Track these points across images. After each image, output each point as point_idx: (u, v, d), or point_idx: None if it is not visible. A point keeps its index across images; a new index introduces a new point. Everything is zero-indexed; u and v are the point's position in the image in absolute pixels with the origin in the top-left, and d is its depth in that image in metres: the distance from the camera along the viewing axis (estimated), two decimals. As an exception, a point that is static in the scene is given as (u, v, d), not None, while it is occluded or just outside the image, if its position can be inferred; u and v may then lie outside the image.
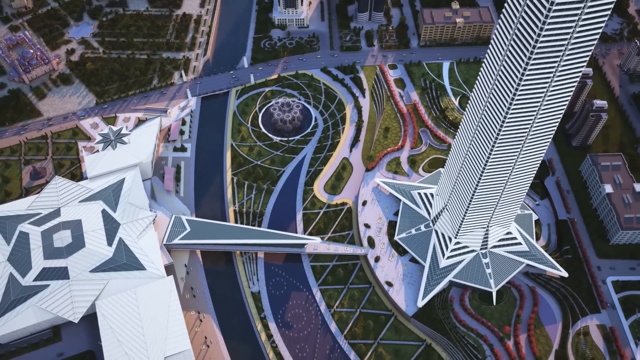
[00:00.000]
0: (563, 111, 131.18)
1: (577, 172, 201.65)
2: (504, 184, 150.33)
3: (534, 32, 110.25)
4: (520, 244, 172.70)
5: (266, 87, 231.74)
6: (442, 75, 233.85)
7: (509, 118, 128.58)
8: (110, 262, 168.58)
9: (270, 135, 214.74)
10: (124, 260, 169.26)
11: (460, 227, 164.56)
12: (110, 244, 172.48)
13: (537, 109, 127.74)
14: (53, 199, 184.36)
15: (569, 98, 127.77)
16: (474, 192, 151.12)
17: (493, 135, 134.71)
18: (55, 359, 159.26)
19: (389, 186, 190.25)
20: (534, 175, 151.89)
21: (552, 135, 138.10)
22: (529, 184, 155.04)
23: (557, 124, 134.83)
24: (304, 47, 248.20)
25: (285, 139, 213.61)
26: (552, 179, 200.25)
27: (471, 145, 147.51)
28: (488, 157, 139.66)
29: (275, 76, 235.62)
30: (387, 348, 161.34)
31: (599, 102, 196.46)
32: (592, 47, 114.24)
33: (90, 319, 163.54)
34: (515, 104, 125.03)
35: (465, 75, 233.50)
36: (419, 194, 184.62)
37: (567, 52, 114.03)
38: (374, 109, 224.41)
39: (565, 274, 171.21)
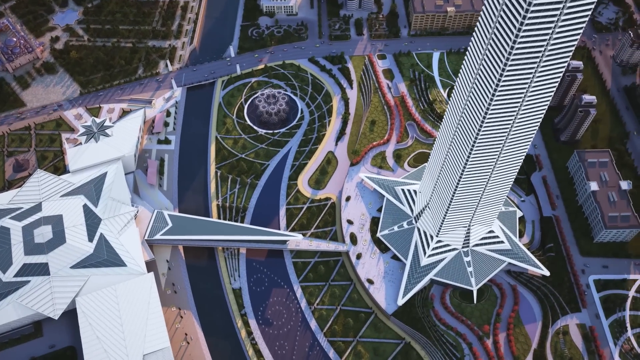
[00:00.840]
0: (546, 107, 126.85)
1: (564, 168, 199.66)
2: (485, 182, 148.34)
3: (512, 33, 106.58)
4: (502, 242, 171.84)
5: (252, 77, 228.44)
6: (432, 66, 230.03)
7: (490, 113, 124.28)
8: (90, 258, 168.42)
9: (255, 127, 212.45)
10: (104, 257, 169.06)
11: (441, 225, 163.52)
12: (91, 239, 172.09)
13: (518, 105, 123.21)
14: (34, 193, 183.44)
15: (552, 94, 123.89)
16: (455, 189, 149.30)
17: (474, 132, 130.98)
18: (36, 353, 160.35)
19: (373, 182, 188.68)
20: (515, 173, 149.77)
21: (534, 133, 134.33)
22: (511, 183, 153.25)
23: (540, 121, 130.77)
24: (292, 35, 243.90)
25: (271, 131, 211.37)
26: (539, 175, 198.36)
27: (453, 141, 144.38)
28: (469, 154, 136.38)
29: (262, 66, 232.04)
30: (366, 346, 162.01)
31: (587, 97, 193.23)
32: (574, 44, 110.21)
33: (72, 315, 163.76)
34: (496, 99, 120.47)
35: (455, 66, 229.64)
36: (403, 190, 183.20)
37: (547, 50, 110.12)
38: (362, 101, 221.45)
39: (547, 273, 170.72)
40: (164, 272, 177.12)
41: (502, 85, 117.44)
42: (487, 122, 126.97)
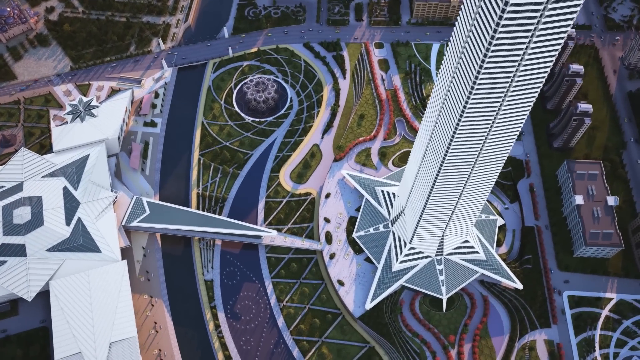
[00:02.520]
0: (526, 114, 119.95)
1: (553, 176, 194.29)
2: (459, 193, 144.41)
3: (488, 33, 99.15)
4: (477, 252, 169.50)
5: (244, 61, 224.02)
6: (430, 58, 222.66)
7: (466, 115, 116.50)
8: (66, 242, 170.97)
9: (242, 114, 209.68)
10: (80, 241, 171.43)
11: (414, 233, 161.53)
12: (68, 223, 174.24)
13: (496, 109, 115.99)
14: (17, 172, 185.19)
15: (533, 99, 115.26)
16: (427, 199, 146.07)
17: (449, 135, 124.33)
18: (11, 331, 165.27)
19: (354, 180, 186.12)
20: (490, 188, 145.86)
21: (511, 144, 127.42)
22: (485, 198, 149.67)
23: (519, 129, 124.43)
24: (289, 17, 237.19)
25: (258, 119, 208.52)
26: (527, 182, 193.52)
27: (428, 146, 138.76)
28: (442, 161, 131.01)
29: (255, 49, 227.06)
30: (330, 347, 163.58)
31: (583, 106, 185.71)
32: (558, 48, 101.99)
33: (48, 296, 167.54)
34: (472, 99, 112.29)
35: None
36: (382, 191, 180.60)
37: (528, 53, 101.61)
38: (353, 92, 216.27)
39: (520, 286, 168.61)
40: (139, 259, 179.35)
41: (479, 85, 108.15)
42: (462, 126, 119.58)
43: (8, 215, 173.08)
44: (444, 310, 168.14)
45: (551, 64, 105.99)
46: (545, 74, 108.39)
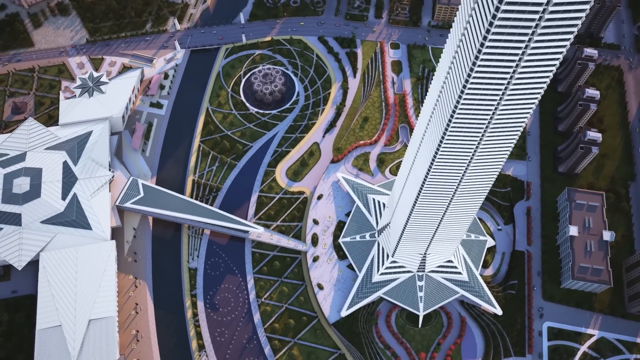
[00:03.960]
0: (513, 143, 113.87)
1: (553, 202, 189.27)
2: (440, 217, 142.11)
3: (479, 40, 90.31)
4: (459, 273, 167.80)
5: (257, 49, 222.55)
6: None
7: (447, 139, 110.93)
8: (60, 217, 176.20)
9: (247, 104, 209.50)
10: (73, 217, 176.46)
11: (396, 248, 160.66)
12: (64, 198, 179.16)
13: (482, 130, 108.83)
14: (22, 141, 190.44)
15: (522, 125, 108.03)
16: (409, 218, 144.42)
17: (430, 157, 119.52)
18: (1, 295, 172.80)
19: (348, 184, 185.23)
20: (473, 214, 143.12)
21: (499, 169, 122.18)
22: (468, 224, 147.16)
23: (507, 154, 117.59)
24: (308, 8, 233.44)
25: (262, 111, 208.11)
26: (525, 204, 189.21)
27: (414, 161, 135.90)
28: (422, 184, 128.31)
29: (268, 38, 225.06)
30: (301, 349, 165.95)
31: (592, 134, 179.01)
32: (554, 66, 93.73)
33: (37, 266, 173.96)
34: (457, 116, 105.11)
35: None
36: (374, 199, 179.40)
37: (520, 67, 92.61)
38: (361, 93, 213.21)
39: (499, 312, 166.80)
40: (128, 240, 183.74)
41: (465, 100, 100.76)
42: (443, 148, 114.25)
43: (8, 184, 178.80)
44: (420, 326, 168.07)
45: (542, 90, 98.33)
46: (538, 97, 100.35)
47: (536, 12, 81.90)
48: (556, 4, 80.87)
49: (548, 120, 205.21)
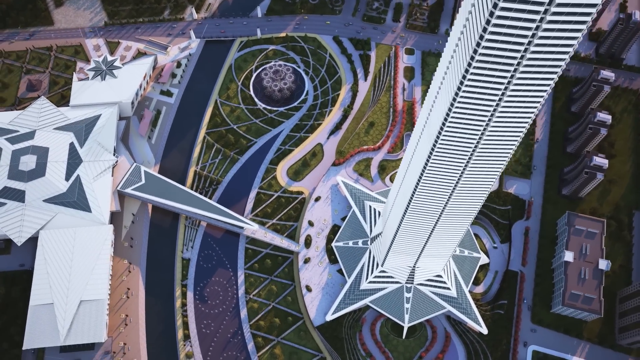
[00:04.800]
0: (502, 167, 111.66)
1: (553, 224, 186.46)
2: (427, 234, 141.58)
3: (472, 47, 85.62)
4: (448, 288, 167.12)
5: (271, 44, 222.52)
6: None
7: (440, 145, 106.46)
8: (62, 197, 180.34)
9: (256, 100, 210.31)
10: (74, 198, 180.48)
11: (384, 259, 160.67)
12: (67, 178, 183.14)
13: (471, 149, 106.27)
14: (33, 119, 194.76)
15: (513, 149, 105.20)
16: (396, 232, 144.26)
17: (421, 168, 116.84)
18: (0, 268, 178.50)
19: (347, 188, 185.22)
20: (461, 234, 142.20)
21: (486, 193, 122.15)
22: (456, 243, 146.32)
23: (495, 178, 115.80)
24: (326, 6, 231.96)
25: (270, 107, 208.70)
26: (523, 224, 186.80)
27: (404, 180, 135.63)
28: (409, 201, 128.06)
29: (283, 34, 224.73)
30: (284, 348, 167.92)
31: (598, 160, 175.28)
32: (551, 85, 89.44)
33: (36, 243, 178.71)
34: (447, 128, 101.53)
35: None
36: (370, 206, 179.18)
37: (515, 78, 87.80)
38: (370, 97, 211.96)
39: (484, 331, 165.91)
40: (126, 225, 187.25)
41: (456, 110, 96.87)
42: (434, 158, 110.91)
43: (15, 160, 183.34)
44: (404, 337, 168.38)
45: (533, 114, 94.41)
46: (527, 121, 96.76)
47: (529, 28, 78.96)
48: (551, 22, 77.97)
49: (558, 140, 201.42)
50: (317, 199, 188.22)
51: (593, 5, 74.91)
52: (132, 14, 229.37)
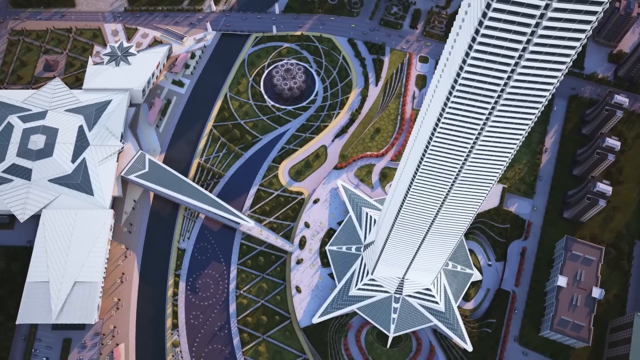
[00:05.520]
0: (489, 190, 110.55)
1: (551, 246, 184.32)
2: (415, 249, 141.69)
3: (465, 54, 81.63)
4: (437, 302, 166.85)
5: (286, 42, 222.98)
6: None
7: (428, 157, 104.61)
8: (66, 178, 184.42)
9: (265, 96, 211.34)
10: (78, 181, 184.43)
11: (374, 268, 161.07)
12: (73, 160, 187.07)
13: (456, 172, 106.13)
14: (46, 99, 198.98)
15: (503, 167, 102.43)
16: (385, 244, 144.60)
17: (407, 184, 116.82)
18: (2, 243, 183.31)
19: (346, 193, 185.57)
20: (449, 250, 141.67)
21: (475, 211, 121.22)
22: (444, 260, 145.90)
23: (481, 201, 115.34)
24: (344, 8, 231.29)
25: (278, 105, 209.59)
26: (520, 244, 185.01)
27: (397, 186, 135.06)
28: (397, 214, 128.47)
29: (298, 33, 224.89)
30: (268, 346, 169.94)
31: (601, 186, 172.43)
32: (543, 103, 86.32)
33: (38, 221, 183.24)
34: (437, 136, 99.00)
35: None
36: (367, 213, 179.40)
37: (507, 91, 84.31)
38: (379, 103, 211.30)
39: (469, 348, 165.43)
40: (127, 211, 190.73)
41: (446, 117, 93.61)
42: (419, 175, 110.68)
43: (25, 139, 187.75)
44: (388, 346, 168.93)
45: (531, 121, 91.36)
46: (530, 122, 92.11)
47: (516, 49, 76.69)
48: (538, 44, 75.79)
49: (566, 161, 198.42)
50: (315, 201, 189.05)
51: (587, 22, 71.83)
52: (152, 1, 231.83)
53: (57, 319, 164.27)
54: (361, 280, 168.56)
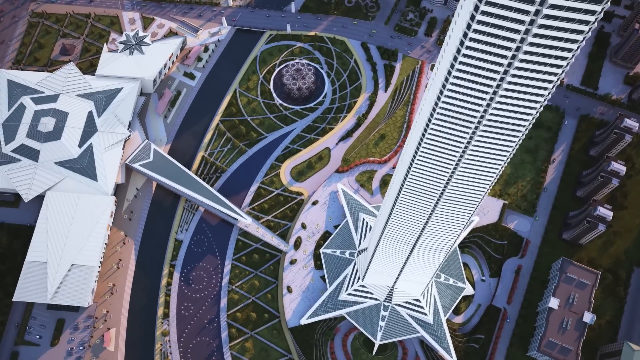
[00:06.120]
0: (475, 207, 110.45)
1: (547, 267, 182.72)
2: (402, 261, 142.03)
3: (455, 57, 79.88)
4: (425, 314, 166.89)
5: (299, 42, 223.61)
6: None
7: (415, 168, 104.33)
8: (72, 162, 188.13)
9: (274, 95, 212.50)
10: (84, 165, 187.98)
11: (364, 275, 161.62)
12: (80, 145, 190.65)
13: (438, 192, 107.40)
14: (59, 83, 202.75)
15: (490, 184, 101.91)
16: (374, 251, 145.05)
17: (395, 196, 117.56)
18: (6, 220, 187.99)
19: (345, 197, 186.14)
20: (437, 264, 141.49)
21: (461, 227, 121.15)
22: (433, 270, 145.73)
23: (467, 218, 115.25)
24: (360, 11, 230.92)
25: (286, 104, 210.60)
26: (516, 262, 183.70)
27: (387, 198, 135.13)
28: (389, 215, 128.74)
29: (312, 33, 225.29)
30: (255, 343, 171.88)
31: (602, 210, 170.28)
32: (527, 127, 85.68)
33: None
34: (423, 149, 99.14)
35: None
36: (364, 219, 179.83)
37: (492, 107, 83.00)
38: (387, 109, 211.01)
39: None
40: (129, 198, 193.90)
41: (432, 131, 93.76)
42: (406, 187, 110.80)
43: (36, 120, 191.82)
44: (374, 353, 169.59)
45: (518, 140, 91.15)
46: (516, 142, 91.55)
47: (501, 65, 76.64)
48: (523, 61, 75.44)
49: (571, 181, 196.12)
50: (314, 203, 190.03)
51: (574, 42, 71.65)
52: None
53: (51, 300, 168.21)
54: (352, 285, 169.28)
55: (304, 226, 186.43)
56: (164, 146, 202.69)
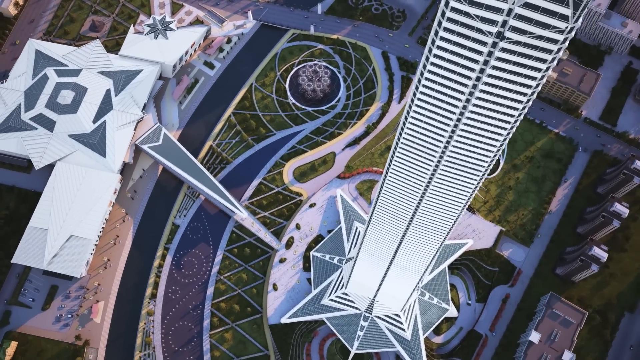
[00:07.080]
0: (445, 234, 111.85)
1: (536, 299, 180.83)
2: (382, 273, 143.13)
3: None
4: (404, 330, 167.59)
5: (320, 43, 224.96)
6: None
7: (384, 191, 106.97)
8: (85, 136, 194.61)
9: (288, 93, 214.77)
10: (95, 141, 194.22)
11: (347, 284, 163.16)
12: (95, 121, 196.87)
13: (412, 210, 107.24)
14: (83, 59, 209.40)
15: (463, 207, 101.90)
16: (355, 262, 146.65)
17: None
18: (17, 184, 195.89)
19: (342, 203, 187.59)
20: (414, 283, 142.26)
21: (432, 253, 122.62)
22: (410, 288, 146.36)
23: (439, 244, 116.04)
24: (386, 19, 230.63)
25: (299, 104, 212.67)
26: (504, 290, 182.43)
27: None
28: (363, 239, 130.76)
29: (335, 36, 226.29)
30: (235, 335, 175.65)
31: (597, 251, 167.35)
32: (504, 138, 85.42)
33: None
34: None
35: (516, 133, 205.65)
36: (357, 228, 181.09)
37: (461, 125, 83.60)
38: (398, 121, 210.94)
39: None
40: (134, 178, 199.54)
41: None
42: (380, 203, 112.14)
43: (56, 92, 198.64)
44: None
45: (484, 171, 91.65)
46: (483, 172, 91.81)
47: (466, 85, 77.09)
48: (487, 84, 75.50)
49: (573, 216, 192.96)
50: (311, 205, 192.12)
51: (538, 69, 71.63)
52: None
53: (47, 266, 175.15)
54: (335, 292, 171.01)
55: (298, 227, 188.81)
56: (175, 131, 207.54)
